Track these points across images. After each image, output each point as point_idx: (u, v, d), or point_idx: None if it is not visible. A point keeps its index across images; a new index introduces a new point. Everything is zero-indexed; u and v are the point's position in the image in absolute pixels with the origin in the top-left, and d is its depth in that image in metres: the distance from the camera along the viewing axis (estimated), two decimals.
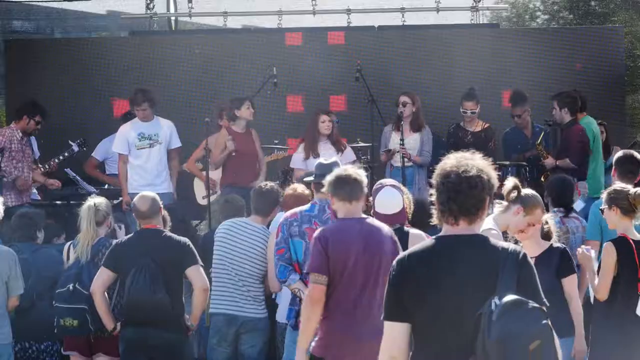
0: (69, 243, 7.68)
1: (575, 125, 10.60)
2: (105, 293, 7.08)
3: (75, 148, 11.20)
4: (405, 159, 10.45)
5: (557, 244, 6.72)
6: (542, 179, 10.24)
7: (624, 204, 6.53)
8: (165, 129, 10.57)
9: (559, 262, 6.50)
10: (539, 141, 10.59)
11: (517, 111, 10.94)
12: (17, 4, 15.89)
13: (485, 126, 10.71)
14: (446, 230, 3.90)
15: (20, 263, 7.71)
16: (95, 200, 7.55)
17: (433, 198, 3.95)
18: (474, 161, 3.89)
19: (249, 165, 10.51)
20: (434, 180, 3.94)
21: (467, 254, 3.82)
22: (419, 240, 5.96)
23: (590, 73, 12.32)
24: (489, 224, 5.82)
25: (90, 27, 16.97)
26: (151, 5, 13.53)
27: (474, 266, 3.79)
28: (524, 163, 10.57)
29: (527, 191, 6.38)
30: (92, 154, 11.66)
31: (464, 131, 10.65)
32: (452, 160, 3.90)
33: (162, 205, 7.22)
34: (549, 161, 10.49)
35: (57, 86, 12.73)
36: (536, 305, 3.69)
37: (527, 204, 6.26)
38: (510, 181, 6.18)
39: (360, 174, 5.97)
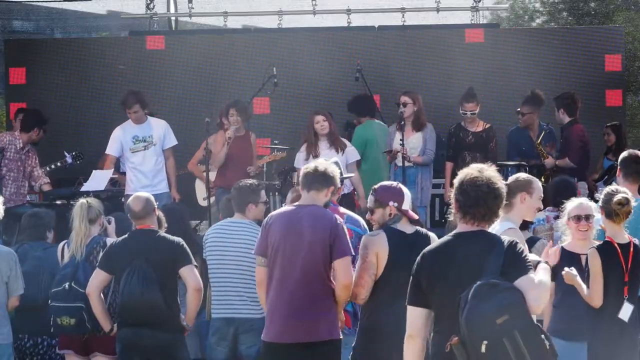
0: (63, 242, 7.64)
1: (575, 125, 10.59)
2: (101, 294, 7.08)
3: (69, 160, 10.99)
4: (406, 160, 10.41)
5: None
6: (542, 180, 10.21)
7: (607, 208, 6.50)
8: (158, 129, 10.48)
9: None
10: (539, 140, 10.58)
11: (523, 109, 10.84)
12: (17, 4, 15.89)
13: (486, 126, 10.68)
14: (460, 227, 4.39)
15: (33, 261, 7.76)
16: (88, 199, 7.57)
17: (453, 199, 4.41)
18: (489, 172, 4.38)
19: (242, 169, 10.41)
20: (457, 183, 4.40)
21: (468, 248, 4.29)
22: None
23: (590, 73, 12.32)
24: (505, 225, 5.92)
25: (90, 27, 16.98)
26: (151, 5, 13.54)
27: (471, 258, 4.24)
28: (524, 163, 10.53)
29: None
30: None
31: (465, 131, 10.62)
32: (474, 172, 4.37)
33: (156, 206, 7.21)
34: (549, 161, 10.48)
35: (56, 86, 12.73)
36: (509, 285, 4.09)
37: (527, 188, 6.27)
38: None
39: (328, 168, 6.22)
